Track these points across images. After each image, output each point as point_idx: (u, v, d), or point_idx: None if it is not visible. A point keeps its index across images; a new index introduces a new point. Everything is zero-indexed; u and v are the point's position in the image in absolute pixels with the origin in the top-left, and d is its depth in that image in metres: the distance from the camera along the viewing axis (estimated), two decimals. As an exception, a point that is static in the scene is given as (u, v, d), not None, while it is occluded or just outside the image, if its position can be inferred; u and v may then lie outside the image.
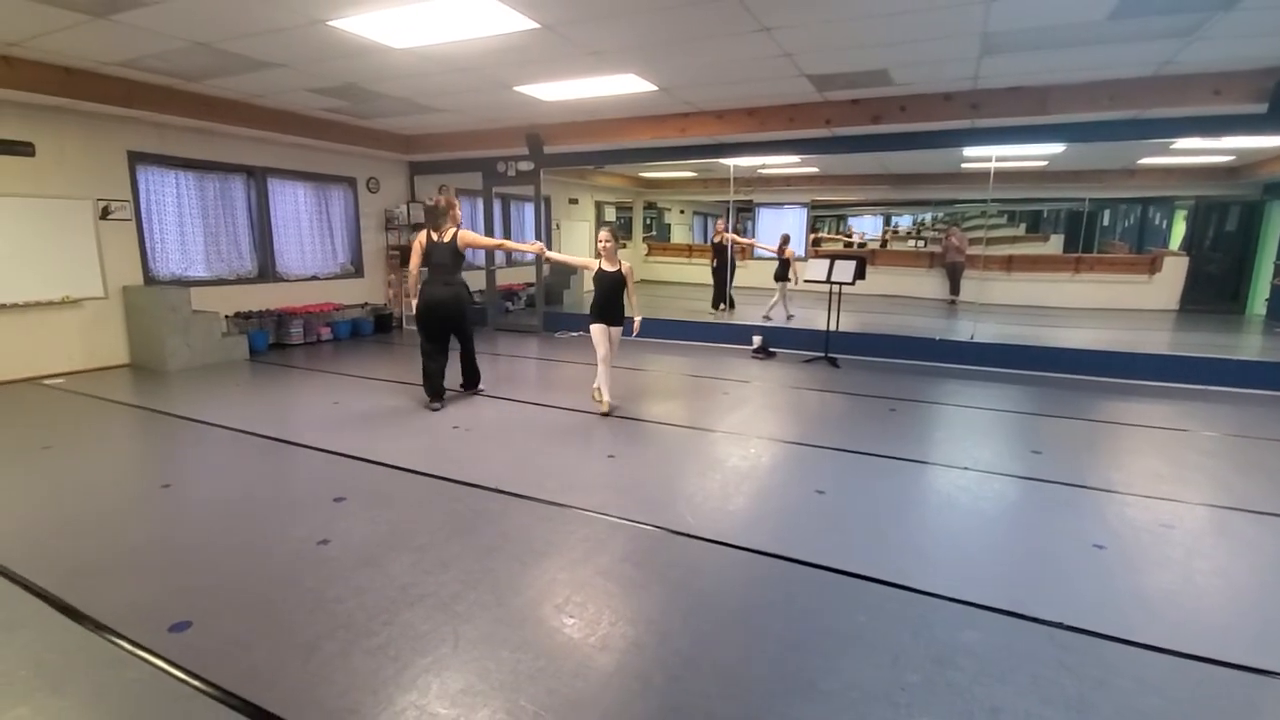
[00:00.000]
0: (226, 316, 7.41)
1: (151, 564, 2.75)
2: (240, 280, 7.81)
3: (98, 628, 2.27)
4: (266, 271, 8.07)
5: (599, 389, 5.02)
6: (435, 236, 5.09)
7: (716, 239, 10.49)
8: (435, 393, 5.26)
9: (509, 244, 5.67)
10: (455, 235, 5.08)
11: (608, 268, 4.86)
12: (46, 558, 2.80)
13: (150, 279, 6.87)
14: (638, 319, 4.93)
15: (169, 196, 7.06)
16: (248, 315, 7.68)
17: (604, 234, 4.91)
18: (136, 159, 6.65)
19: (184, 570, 2.70)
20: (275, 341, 7.86)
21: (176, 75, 5.68)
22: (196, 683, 1.99)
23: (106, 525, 3.13)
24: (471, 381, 5.65)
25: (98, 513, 3.29)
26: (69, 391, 5.70)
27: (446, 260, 5.10)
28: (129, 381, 6.13)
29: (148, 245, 6.85)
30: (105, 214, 6.41)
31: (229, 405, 5.31)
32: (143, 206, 6.78)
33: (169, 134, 6.82)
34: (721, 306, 10.17)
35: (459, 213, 5.22)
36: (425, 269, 5.14)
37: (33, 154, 5.88)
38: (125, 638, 2.21)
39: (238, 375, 6.43)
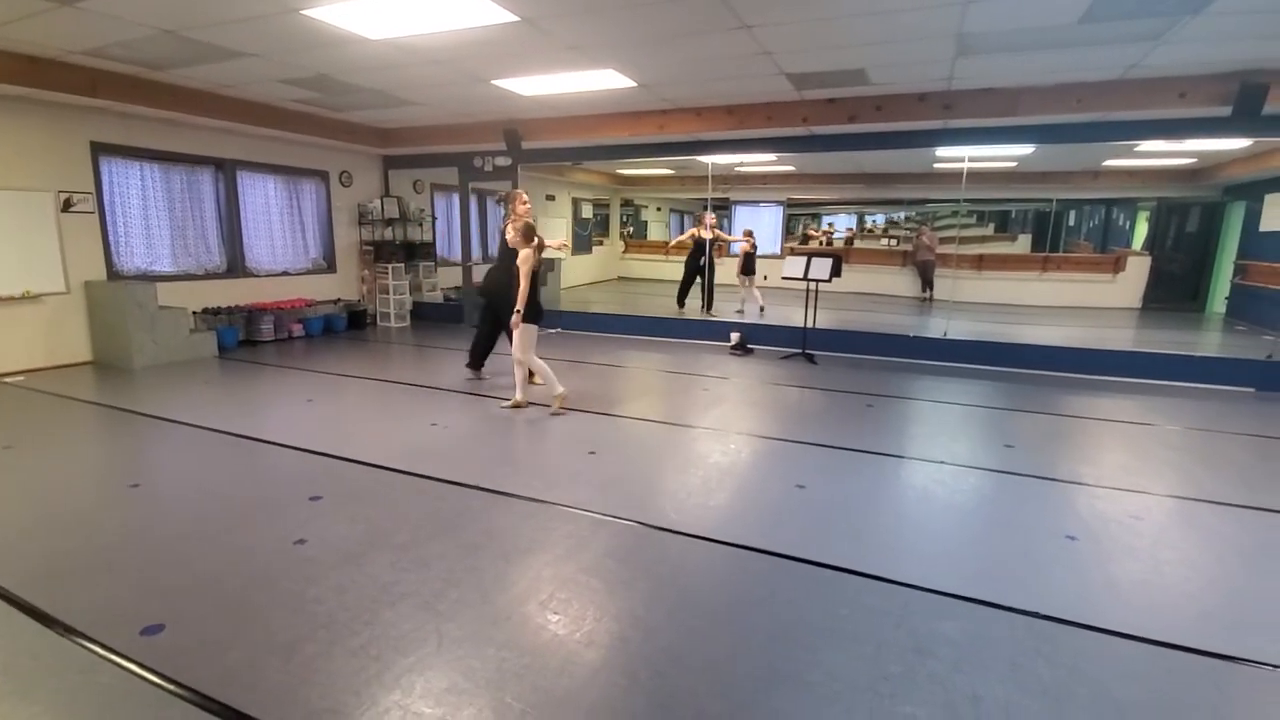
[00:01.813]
0: (194, 312, 7.23)
1: (121, 565, 2.68)
2: (208, 275, 7.62)
3: (67, 631, 2.20)
4: (236, 266, 7.89)
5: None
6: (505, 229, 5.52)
7: (702, 233, 9.51)
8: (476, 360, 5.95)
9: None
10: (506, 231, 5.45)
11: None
12: (12, 560, 2.71)
13: (114, 274, 6.66)
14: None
15: (134, 189, 6.86)
16: (216, 311, 7.50)
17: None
18: (100, 150, 6.44)
19: (156, 572, 2.63)
20: (245, 338, 7.68)
21: (142, 64, 5.51)
22: (171, 686, 1.95)
23: (74, 526, 3.04)
24: (473, 361, 5.90)
25: (64, 513, 3.19)
26: (30, 389, 5.52)
27: (504, 251, 5.45)
28: (92, 379, 5.95)
29: (111, 239, 6.65)
30: (67, 206, 6.20)
31: (198, 403, 5.18)
32: (106, 199, 6.57)
33: (134, 125, 6.62)
34: (700, 307, 9.74)
35: (519, 208, 5.49)
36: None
37: (-6, 145, 5.69)
38: (96, 641, 2.14)
39: (206, 372, 6.28)
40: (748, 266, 9.90)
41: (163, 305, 6.56)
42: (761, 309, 9.65)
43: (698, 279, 9.88)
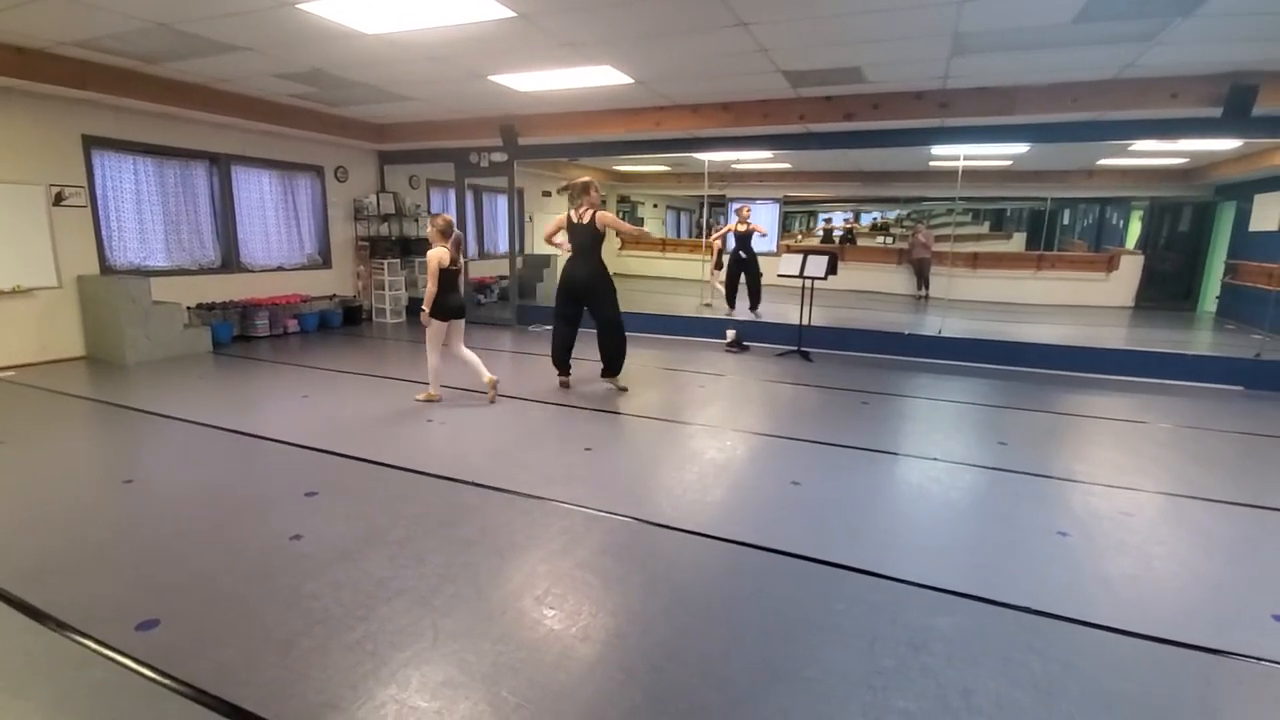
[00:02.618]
0: (189, 308, 7.19)
1: (115, 561, 2.67)
2: (203, 270, 7.59)
3: (60, 627, 2.20)
4: (230, 261, 7.86)
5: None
6: (575, 217, 5.28)
7: (743, 228, 9.05)
8: (560, 366, 5.60)
9: (624, 227, 5.76)
10: (594, 216, 5.23)
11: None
12: (4, 555, 2.69)
13: (107, 268, 6.63)
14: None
15: (127, 183, 6.81)
16: (211, 306, 7.47)
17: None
18: (92, 143, 6.40)
19: (150, 568, 2.62)
20: (240, 334, 7.66)
21: (135, 57, 5.48)
22: (167, 682, 1.94)
23: (67, 522, 3.03)
24: (610, 367, 5.55)
25: (57, 509, 3.18)
26: (21, 384, 5.48)
27: (586, 240, 5.27)
28: (85, 374, 5.92)
29: (104, 233, 6.61)
30: (58, 200, 6.16)
31: (192, 399, 5.17)
32: (99, 193, 6.53)
33: (127, 118, 6.58)
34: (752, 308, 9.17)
35: (595, 195, 5.29)
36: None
37: (-18, 137, 5.64)
38: (90, 637, 2.14)
39: (201, 368, 6.25)
40: (720, 261, 10.00)
41: (156, 300, 6.53)
42: (709, 304, 9.65)
43: (742, 276, 9.42)
